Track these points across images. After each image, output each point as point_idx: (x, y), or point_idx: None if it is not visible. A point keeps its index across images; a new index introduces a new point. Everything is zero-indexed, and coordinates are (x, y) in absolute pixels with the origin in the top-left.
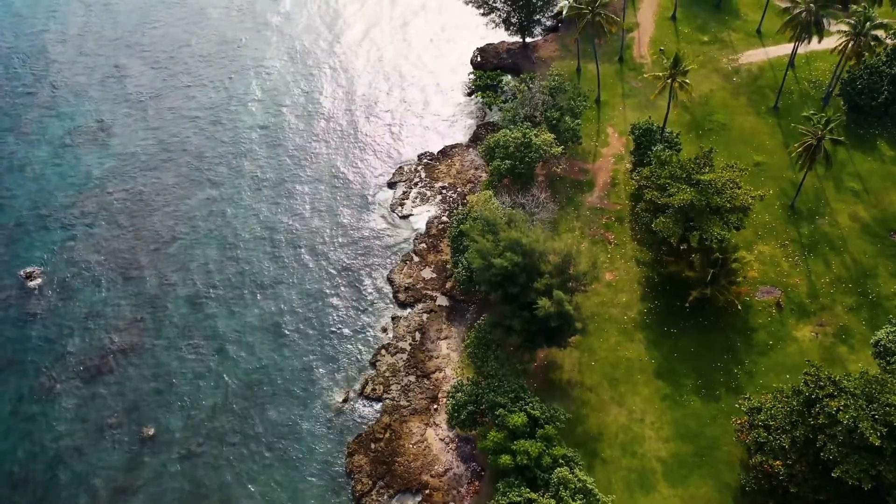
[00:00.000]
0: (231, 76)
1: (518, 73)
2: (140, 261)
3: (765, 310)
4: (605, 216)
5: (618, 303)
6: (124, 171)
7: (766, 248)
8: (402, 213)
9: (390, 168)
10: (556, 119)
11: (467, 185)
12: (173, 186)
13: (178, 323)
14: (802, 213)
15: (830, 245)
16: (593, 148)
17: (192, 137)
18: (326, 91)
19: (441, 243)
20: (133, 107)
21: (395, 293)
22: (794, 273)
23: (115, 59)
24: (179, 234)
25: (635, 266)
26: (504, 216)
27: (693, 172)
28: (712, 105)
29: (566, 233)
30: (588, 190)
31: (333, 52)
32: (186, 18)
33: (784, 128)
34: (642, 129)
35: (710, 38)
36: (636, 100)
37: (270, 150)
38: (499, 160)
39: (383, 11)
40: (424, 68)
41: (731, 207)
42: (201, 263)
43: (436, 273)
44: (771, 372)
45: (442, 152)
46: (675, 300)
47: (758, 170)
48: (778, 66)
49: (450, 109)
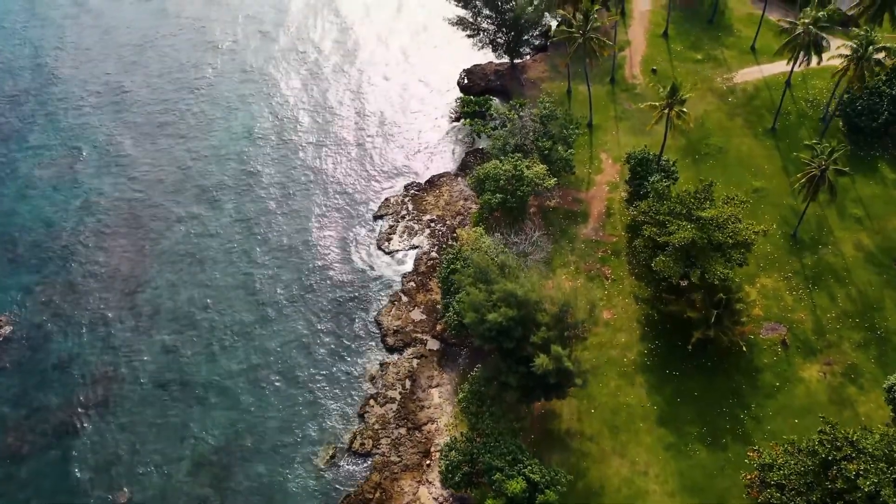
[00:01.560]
0: (208, 106)
1: (507, 96)
2: (113, 305)
3: (770, 348)
4: (601, 249)
5: (616, 343)
6: (98, 207)
7: (769, 281)
8: (388, 248)
9: (376, 200)
10: (547, 149)
11: (457, 218)
12: (149, 223)
13: (152, 373)
14: (805, 242)
15: (835, 276)
16: (586, 175)
17: (169, 170)
18: (305, 117)
19: (430, 281)
20: (108, 137)
21: (384, 337)
22: (798, 308)
23: (88, 85)
24: (154, 276)
25: (634, 303)
26: (497, 261)
27: (693, 208)
28: (708, 127)
29: (561, 268)
30: (582, 221)
31: (313, 77)
32: (153, 41)
33: (782, 150)
34: (638, 158)
35: (703, 56)
36: (629, 123)
37: (250, 185)
38: (489, 193)
39: (365, 34)
40: (409, 91)
41: (734, 243)
42: (177, 307)
43: (425, 314)
44: (778, 416)
45: (429, 182)
46: (676, 340)
47: (757, 197)
48: (773, 85)
49: (436, 135)
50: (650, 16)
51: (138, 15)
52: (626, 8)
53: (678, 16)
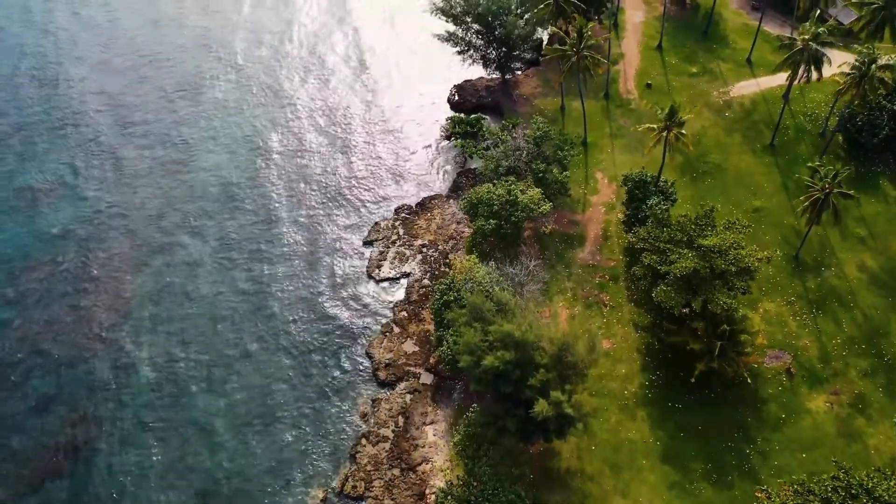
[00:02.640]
0: (190, 130)
1: (499, 112)
2: (92, 342)
3: (775, 378)
4: (599, 274)
5: (617, 375)
6: (77, 236)
7: (772, 305)
8: (379, 276)
9: (365, 224)
10: (542, 171)
11: (449, 242)
12: (130, 252)
13: (134, 413)
14: (807, 264)
15: (839, 300)
16: (582, 196)
17: (151, 196)
18: (288, 139)
19: (423, 311)
20: (87, 162)
21: (375, 370)
22: (802, 334)
23: (66, 107)
24: (135, 309)
25: (633, 332)
26: (493, 299)
27: (695, 235)
28: (705, 144)
29: (558, 295)
30: (579, 245)
31: (297, 97)
32: (133, 64)
33: (782, 167)
34: (635, 179)
35: (698, 70)
36: (625, 140)
37: (233, 212)
38: (482, 219)
39: (352, 51)
40: (398, 109)
41: (737, 270)
42: (159, 343)
43: (418, 345)
44: (786, 450)
45: (420, 205)
46: (678, 370)
47: (757, 216)
48: (771, 99)
49: (427, 154)
50: (643, 27)
51: (112, 33)
52: (619, 19)
53: (672, 27)
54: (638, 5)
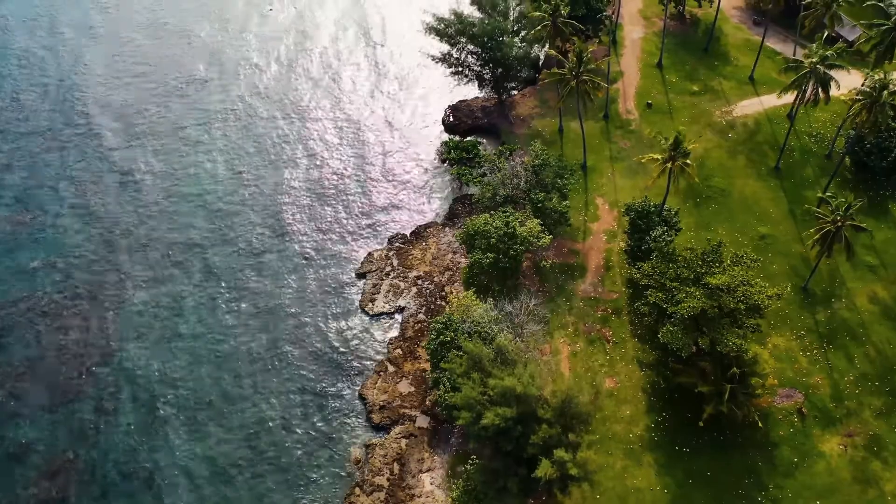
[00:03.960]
0: (173, 156)
1: (495, 134)
2: (72, 383)
3: (786, 419)
4: (601, 307)
5: (621, 417)
6: (58, 269)
7: (781, 340)
8: (373, 310)
9: (358, 255)
10: (541, 201)
11: (445, 274)
12: (114, 287)
13: (116, 460)
14: (817, 295)
15: (851, 334)
16: (582, 224)
17: (133, 226)
18: (277, 163)
19: (418, 348)
20: (66, 189)
21: (369, 413)
22: (814, 371)
23: (44, 133)
24: (118, 348)
25: (638, 370)
26: (491, 347)
27: (702, 272)
28: (709, 167)
29: (559, 330)
30: (580, 276)
31: (285, 117)
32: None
33: (788, 191)
34: (638, 210)
35: (699, 88)
36: (625, 164)
37: (219, 242)
38: (480, 252)
39: (344, 69)
40: (391, 131)
41: (746, 308)
42: (142, 383)
43: (414, 385)
44: (799, 498)
45: (415, 234)
46: (685, 411)
47: (764, 244)
48: (775, 118)
49: (421, 179)
50: (642, 44)
51: (90, 53)
52: (618, 36)
53: (672, 43)
54: (636, 21)
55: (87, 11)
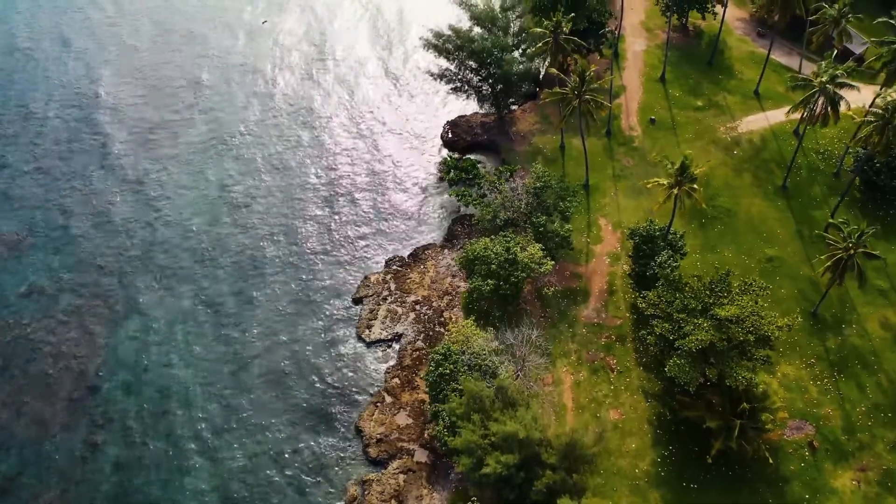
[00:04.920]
0: (166, 176)
1: (495, 151)
2: (60, 415)
3: (796, 452)
4: (604, 334)
5: (627, 450)
6: (43, 296)
7: (791, 368)
8: (370, 337)
9: (355, 278)
10: (542, 224)
11: (444, 298)
12: (102, 311)
13: (104, 497)
14: (826, 321)
15: (862, 362)
16: (584, 245)
17: (123, 249)
18: (270, 181)
19: (416, 377)
20: (56, 209)
21: (366, 447)
22: (824, 401)
23: (39, 143)
24: (107, 376)
25: (643, 400)
26: (491, 387)
27: (710, 303)
28: (714, 186)
29: (561, 358)
30: (582, 301)
31: (279, 134)
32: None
33: (795, 211)
34: (643, 234)
35: (704, 103)
36: (628, 182)
37: (211, 266)
38: (480, 279)
39: (339, 85)
40: (388, 148)
41: (755, 339)
42: (131, 415)
43: (412, 417)
44: None
45: (413, 256)
46: (692, 444)
47: (771, 267)
48: (781, 134)
49: (419, 198)
50: (644, 56)
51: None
52: (619, 48)
53: (675, 56)
54: (639, 33)
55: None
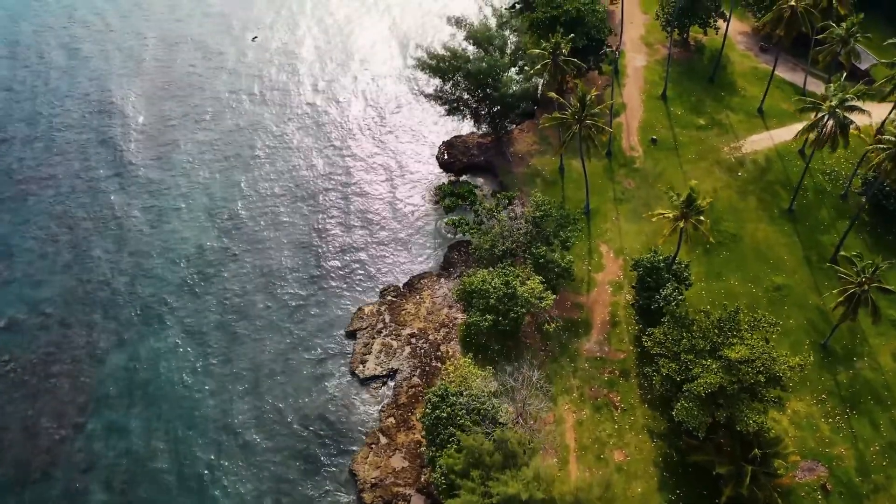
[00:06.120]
0: (151, 199)
1: (492, 173)
2: (39, 459)
3: (809, 496)
4: (607, 369)
5: (632, 495)
6: (23, 330)
7: (801, 405)
8: (364, 373)
9: (349, 309)
10: (542, 255)
11: (441, 331)
12: (84, 348)
13: None
14: (837, 353)
15: (875, 398)
16: (585, 274)
17: (109, 278)
18: (261, 205)
19: (412, 416)
20: (36, 236)
21: (360, 492)
22: (837, 440)
23: (18, 167)
24: (90, 418)
25: (649, 440)
26: (492, 440)
27: (718, 342)
28: (719, 209)
29: (563, 395)
30: (584, 333)
31: (271, 153)
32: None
33: (802, 236)
34: (647, 265)
35: (706, 122)
36: (630, 206)
37: (200, 295)
38: (478, 314)
39: (331, 104)
40: (382, 170)
41: (767, 379)
42: (115, 458)
43: (408, 459)
44: None
45: (408, 285)
46: (700, 488)
47: (779, 296)
48: (786, 154)
49: (414, 224)
50: (645, 73)
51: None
52: (619, 63)
53: (676, 72)
54: (639, 48)
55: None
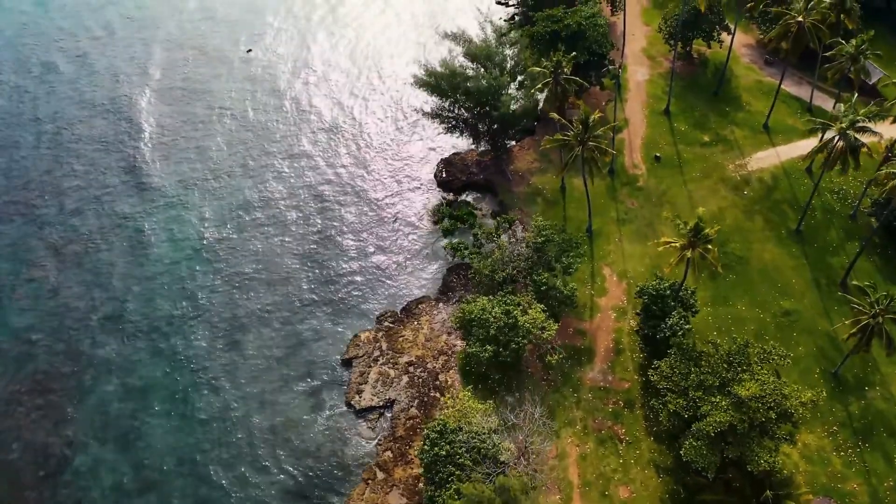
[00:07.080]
0: (139, 220)
1: (492, 192)
2: (24, 497)
3: None
4: (612, 399)
5: None
6: (7, 355)
7: (812, 437)
8: (360, 404)
9: (344, 336)
10: (544, 283)
11: (440, 359)
12: (71, 375)
13: None
14: (848, 382)
15: (888, 429)
16: (588, 298)
17: (96, 303)
18: (254, 227)
19: (410, 450)
20: (22, 260)
21: None
22: (849, 474)
23: (6, 187)
24: (77, 451)
25: (655, 475)
26: (494, 484)
27: (728, 378)
28: (725, 230)
29: (565, 427)
30: (587, 361)
31: (264, 171)
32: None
33: (811, 258)
34: (652, 293)
35: (711, 138)
36: (633, 227)
37: (190, 320)
38: (478, 344)
39: (327, 119)
40: (378, 189)
41: (778, 416)
42: (101, 496)
43: (406, 496)
44: None
45: (406, 310)
46: None
47: (788, 321)
48: (793, 172)
49: (412, 247)
50: (647, 87)
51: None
52: (621, 77)
53: (679, 86)
54: (641, 61)
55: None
